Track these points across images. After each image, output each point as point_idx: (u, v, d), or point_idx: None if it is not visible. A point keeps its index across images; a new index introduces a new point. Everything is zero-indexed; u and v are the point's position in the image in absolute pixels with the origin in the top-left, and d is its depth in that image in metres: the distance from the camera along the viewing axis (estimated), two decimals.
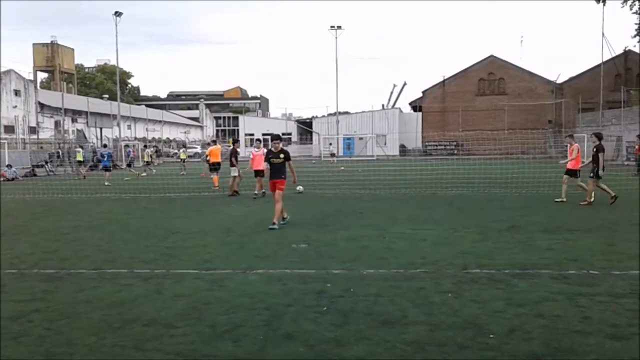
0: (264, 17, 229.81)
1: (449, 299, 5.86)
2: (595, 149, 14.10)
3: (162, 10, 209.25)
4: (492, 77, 64.88)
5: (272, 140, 11.46)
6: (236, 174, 18.01)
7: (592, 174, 14.04)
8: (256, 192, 16.96)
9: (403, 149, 61.45)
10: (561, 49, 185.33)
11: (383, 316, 5.32)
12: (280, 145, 11.20)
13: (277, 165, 11.06)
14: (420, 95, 68.06)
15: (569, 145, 15.76)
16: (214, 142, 23.78)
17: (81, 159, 33.08)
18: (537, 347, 4.53)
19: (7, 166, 29.98)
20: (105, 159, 25.53)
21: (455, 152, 58.43)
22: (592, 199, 14.03)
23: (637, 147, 28.53)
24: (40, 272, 7.42)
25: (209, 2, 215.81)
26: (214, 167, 20.70)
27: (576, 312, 5.39)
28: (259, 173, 16.96)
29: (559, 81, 64.29)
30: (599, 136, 14.42)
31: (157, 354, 4.47)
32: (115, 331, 5.01)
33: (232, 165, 18.23)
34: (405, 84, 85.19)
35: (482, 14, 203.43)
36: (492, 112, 62.63)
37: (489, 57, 65.68)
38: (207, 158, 22.25)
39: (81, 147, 36.31)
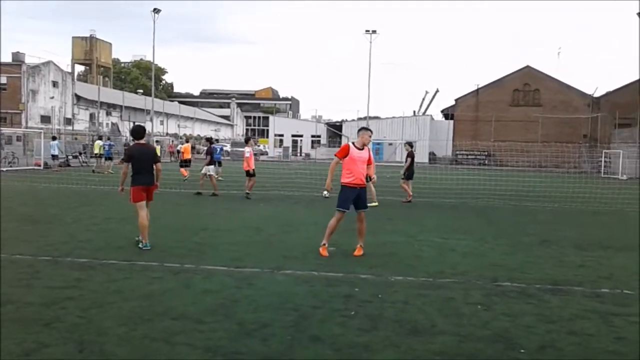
0: (297, 18, 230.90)
1: (479, 310, 5.78)
2: (407, 155, 17.30)
3: (196, 8, 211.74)
4: (527, 88, 64.05)
5: (136, 135, 8.87)
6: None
7: (403, 176, 17.22)
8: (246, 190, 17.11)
9: (433, 157, 61.04)
10: (599, 63, 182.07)
11: (411, 324, 5.28)
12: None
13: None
14: (453, 103, 67.54)
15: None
16: (187, 140, 28.35)
17: (99, 152, 29.83)
18: None
19: (53, 156, 30.09)
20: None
21: (486, 162, 57.82)
22: (411, 198, 16.88)
23: None
24: (74, 260, 7.55)
25: (243, 1, 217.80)
26: (185, 163, 23.70)
27: (609, 331, 5.27)
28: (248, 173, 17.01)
29: (596, 95, 63.12)
30: (411, 144, 18.15)
31: (185, 348, 4.51)
32: (145, 323, 5.07)
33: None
34: (437, 91, 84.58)
35: (519, 24, 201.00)
36: (525, 123, 61.76)
37: (525, 67, 64.86)
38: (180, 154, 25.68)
39: (100, 138, 33.29)
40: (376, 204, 14.99)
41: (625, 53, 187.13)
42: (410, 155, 17.19)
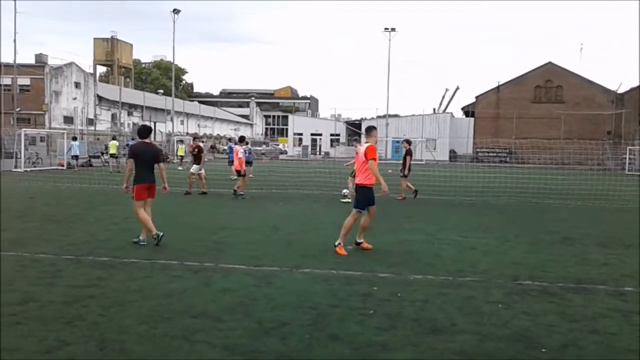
0: (316, 18, 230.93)
1: (499, 309, 5.72)
2: (405, 152, 17.37)
3: (215, 8, 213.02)
4: (549, 85, 63.14)
5: (141, 134, 9.21)
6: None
7: (401, 174, 17.03)
8: (238, 191, 16.79)
9: (453, 154, 60.62)
10: (623, 58, 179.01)
11: (430, 323, 5.24)
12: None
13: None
14: (473, 100, 66.94)
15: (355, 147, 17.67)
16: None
17: (115, 152, 29.95)
18: None
19: (73, 157, 30.34)
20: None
21: (507, 159, 57.20)
22: (405, 196, 16.73)
23: None
24: (96, 259, 7.65)
25: (262, 1, 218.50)
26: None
27: (632, 330, 5.18)
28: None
29: (620, 91, 62.02)
30: (409, 142, 18.07)
31: (205, 346, 4.53)
32: (165, 321, 5.11)
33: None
34: (457, 88, 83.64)
35: (540, 20, 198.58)
36: (547, 120, 60.92)
37: (546, 63, 63.96)
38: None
39: (114, 138, 33.09)
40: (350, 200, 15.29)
41: None
42: (409, 152, 17.36)
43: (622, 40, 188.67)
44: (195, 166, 17.96)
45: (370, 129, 8.91)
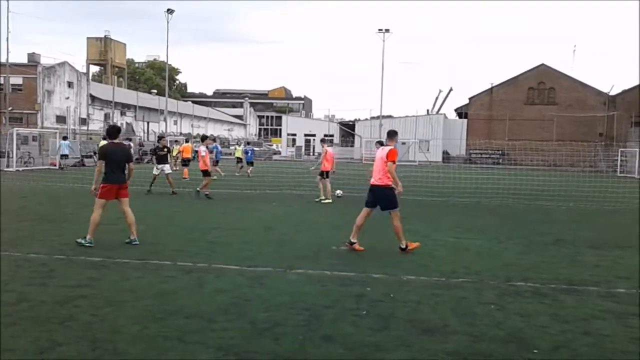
0: (310, 18, 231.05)
1: (492, 310, 5.74)
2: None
3: (209, 8, 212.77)
4: (542, 86, 63.33)
5: (110, 135, 9.19)
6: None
7: None
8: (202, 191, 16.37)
9: (446, 156, 60.74)
10: (615, 60, 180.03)
11: (424, 324, 5.26)
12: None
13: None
14: (467, 101, 67.10)
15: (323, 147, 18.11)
16: (187, 140, 30.20)
17: None
18: None
19: (62, 156, 30.10)
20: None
21: (500, 161, 57.35)
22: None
23: None
24: (87, 259, 7.61)
25: (256, 1, 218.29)
26: (184, 162, 24.02)
27: (625, 332, 5.21)
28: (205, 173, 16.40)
29: (612, 93, 62.32)
30: (381, 143, 17.44)
31: (198, 347, 4.53)
32: (158, 321, 5.10)
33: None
34: (451, 89, 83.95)
35: (534, 22, 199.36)
36: (540, 122, 61.10)
37: (540, 65, 64.16)
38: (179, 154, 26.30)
39: (104, 138, 33.09)
40: (330, 200, 15.96)
41: None
42: None
43: (615, 42, 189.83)
44: (166, 166, 17.78)
45: (393, 134, 9.30)
